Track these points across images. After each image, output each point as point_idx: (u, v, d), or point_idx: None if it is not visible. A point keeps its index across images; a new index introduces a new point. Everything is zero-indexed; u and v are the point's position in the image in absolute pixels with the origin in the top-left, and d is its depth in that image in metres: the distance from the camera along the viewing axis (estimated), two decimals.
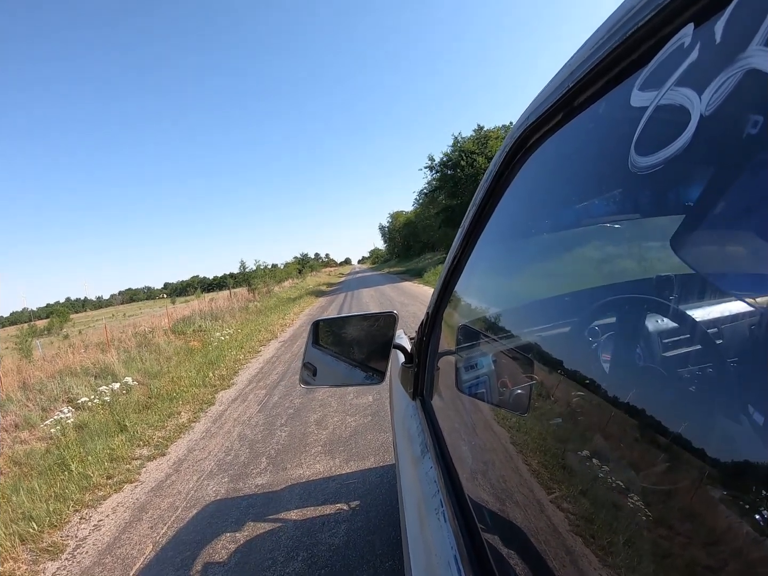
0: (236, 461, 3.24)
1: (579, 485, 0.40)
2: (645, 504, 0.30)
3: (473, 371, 0.76)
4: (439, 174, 25.87)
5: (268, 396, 4.82)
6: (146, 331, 10.82)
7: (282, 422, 3.93)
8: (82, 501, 3.00)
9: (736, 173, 0.29)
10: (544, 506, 0.45)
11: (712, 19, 0.28)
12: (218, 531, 2.35)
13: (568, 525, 0.39)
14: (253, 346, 8.12)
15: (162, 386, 5.68)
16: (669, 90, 0.32)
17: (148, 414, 4.68)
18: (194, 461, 3.37)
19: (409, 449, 1.01)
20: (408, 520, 0.84)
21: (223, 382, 5.72)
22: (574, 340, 0.50)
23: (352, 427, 3.56)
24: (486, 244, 0.79)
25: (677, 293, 0.35)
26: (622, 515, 0.33)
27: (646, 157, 0.34)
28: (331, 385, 1.27)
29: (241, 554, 2.13)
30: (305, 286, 31.57)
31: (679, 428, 0.28)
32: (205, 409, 4.71)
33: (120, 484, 3.18)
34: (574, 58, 0.46)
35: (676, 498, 0.29)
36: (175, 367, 6.95)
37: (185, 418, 4.47)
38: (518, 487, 0.52)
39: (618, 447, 0.36)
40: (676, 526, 0.28)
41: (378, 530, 2.12)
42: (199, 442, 3.79)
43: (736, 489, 0.24)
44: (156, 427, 4.29)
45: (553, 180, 0.61)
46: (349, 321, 1.19)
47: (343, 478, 2.72)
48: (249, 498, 2.66)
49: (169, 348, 8.52)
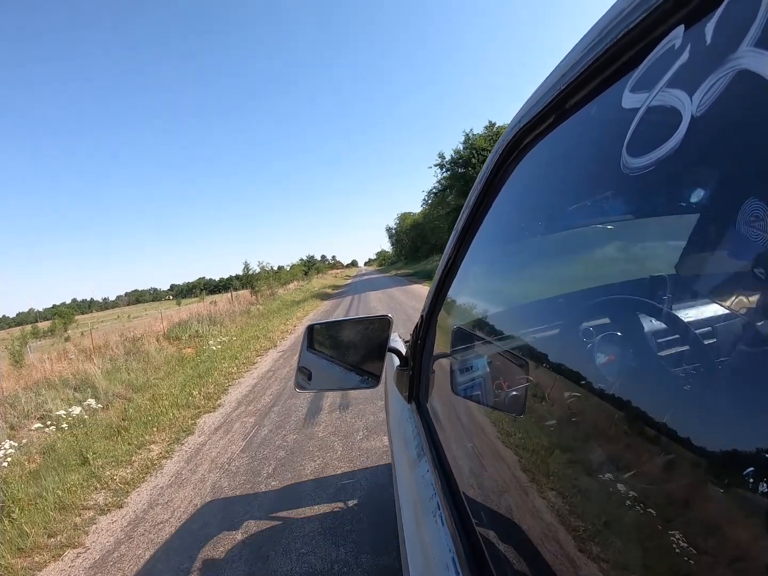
0: (203, 534, 2.36)
1: (575, 486, 0.40)
2: (641, 504, 0.30)
3: (468, 373, 0.76)
4: (449, 172, 25.25)
5: (257, 427, 4.00)
6: (139, 336, 10.19)
7: (269, 471, 3.01)
8: (12, 570, 2.33)
9: (727, 173, 0.30)
10: (540, 507, 0.45)
11: (703, 20, 0.29)
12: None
13: (565, 526, 0.39)
14: (249, 357, 7.54)
15: (141, 404, 5.13)
16: (660, 91, 0.32)
17: (116, 442, 4.03)
18: (153, 524, 2.59)
19: (405, 452, 1.01)
20: (405, 523, 0.83)
21: (208, 403, 5.02)
22: (568, 342, 0.50)
23: (365, 489, 2.54)
24: (480, 246, 0.79)
25: (671, 293, 0.35)
26: (618, 515, 0.33)
27: (638, 158, 0.34)
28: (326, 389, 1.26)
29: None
30: (310, 288, 30.65)
31: (674, 428, 0.28)
32: (181, 440, 3.97)
33: (61, 549, 2.49)
34: (566, 60, 0.47)
35: (672, 497, 0.29)
36: (162, 379, 6.47)
37: (156, 452, 3.76)
38: (514, 488, 0.52)
39: (614, 447, 0.36)
40: (673, 525, 0.28)
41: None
42: (165, 492, 3.01)
43: (734, 487, 0.24)
44: (121, 462, 3.61)
45: (545, 182, 0.61)
46: (344, 325, 1.19)
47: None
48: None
49: (160, 356, 8.05)
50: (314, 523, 2.28)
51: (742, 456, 0.23)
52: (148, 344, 9.11)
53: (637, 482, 0.32)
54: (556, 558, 0.40)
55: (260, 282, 21.88)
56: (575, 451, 0.41)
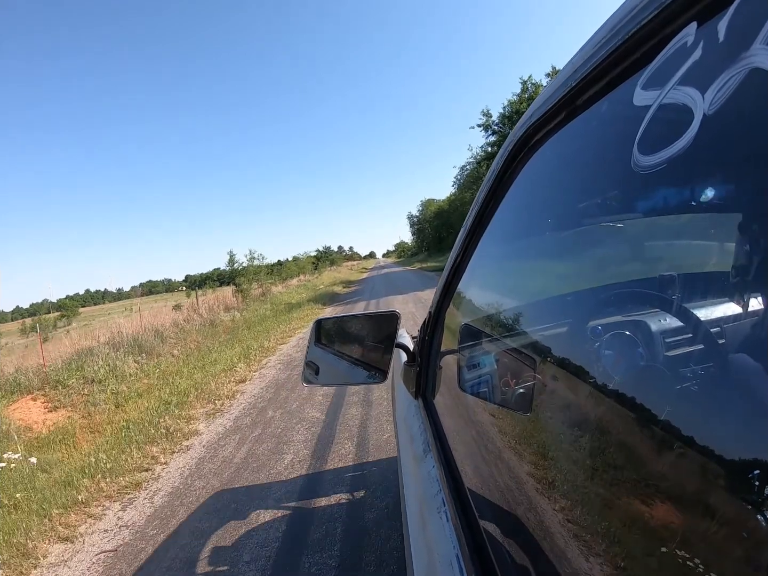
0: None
1: (580, 485, 0.40)
2: (649, 504, 0.30)
3: (475, 370, 0.76)
4: (499, 133, 19.30)
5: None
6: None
7: None
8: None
9: (739, 172, 0.29)
10: (545, 506, 0.45)
11: (715, 17, 0.28)
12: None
13: (571, 525, 0.39)
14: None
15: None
16: (672, 89, 0.32)
17: None
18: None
19: (411, 448, 1.02)
20: (410, 518, 0.84)
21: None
22: (576, 340, 0.50)
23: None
24: (488, 243, 0.79)
25: (680, 292, 0.35)
26: (626, 516, 0.33)
27: (649, 156, 0.33)
28: (333, 384, 1.27)
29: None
30: (316, 285, 23.20)
31: (682, 428, 0.28)
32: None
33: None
34: (577, 56, 0.46)
35: (681, 498, 0.28)
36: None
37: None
38: (520, 486, 0.52)
39: (621, 446, 0.35)
40: (680, 526, 0.28)
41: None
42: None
43: (743, 490, 0.24)
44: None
45: (555, 179, 0.61)
46: (352, 320, 1.20)
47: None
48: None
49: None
50: None
51: (750, 457, 0.23)
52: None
53: (644, 482, 0.32)
54: (560, 556, 0.40)
55: (245, 278, 16.14)
56: (581, 450, 0.41)
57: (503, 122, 19.33)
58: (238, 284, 15.71)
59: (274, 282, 20.54)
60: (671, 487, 0.29)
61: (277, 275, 23.33)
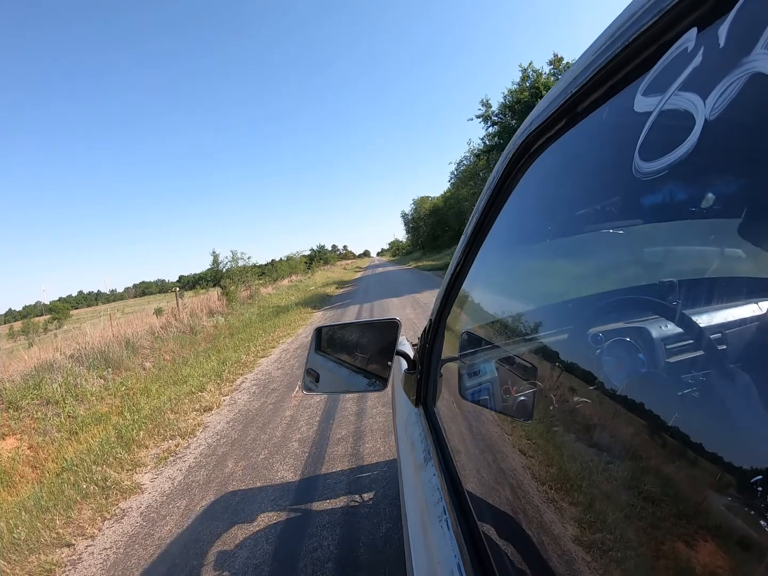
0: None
1: (582, 493, 0.40)
2: (651, 511, 0.30)
3: (476, 378, 0.76)
4: (499, 124, 17.82)
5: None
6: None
7: None
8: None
9: (741, 178, 0.29)
10: (547, 514, 0.44)
11: (716, 23, 0.28)
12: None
13: (574, 534, 0.39)
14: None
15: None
16: (673, 95, 0.32)
17: None
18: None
19: (411, 456, 1.01)
20: (411, 527, 0.83)
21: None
22: (577, 347, 0.49)
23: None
24: (489, 250, 0.79)
25: (681, 299, 0.35)
26: (628, 524, 0.33)
27: (650, 163, 0.34)
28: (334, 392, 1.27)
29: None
30: (308, 285, 22.25)
31: (684, 434, 0.28)
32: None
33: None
34: (578, 63, 0.47)
35: (683, 506, 0.28)
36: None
37: None
38: (521, 494, 0.52)
39: (623, 454, 0.35)
40: (683, 531, 0.28)
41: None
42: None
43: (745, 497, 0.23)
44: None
45: (556, 186, 0.61)
46: (352, 327, 1.20)
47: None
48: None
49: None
50: None
51: (752, 463, 0.23)
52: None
53: (647, 491, 0.31)
54: (563, 566, 0.40)
55: (231, 280, 15.72)
56: (583, 458, 0.41)
57: (504, 112, 17.89)
58: (224, 286, 15.11)
59: (264, 283, 19.96)
60: (674, 494, 0.29)
61: (268, 276, 22.46)
